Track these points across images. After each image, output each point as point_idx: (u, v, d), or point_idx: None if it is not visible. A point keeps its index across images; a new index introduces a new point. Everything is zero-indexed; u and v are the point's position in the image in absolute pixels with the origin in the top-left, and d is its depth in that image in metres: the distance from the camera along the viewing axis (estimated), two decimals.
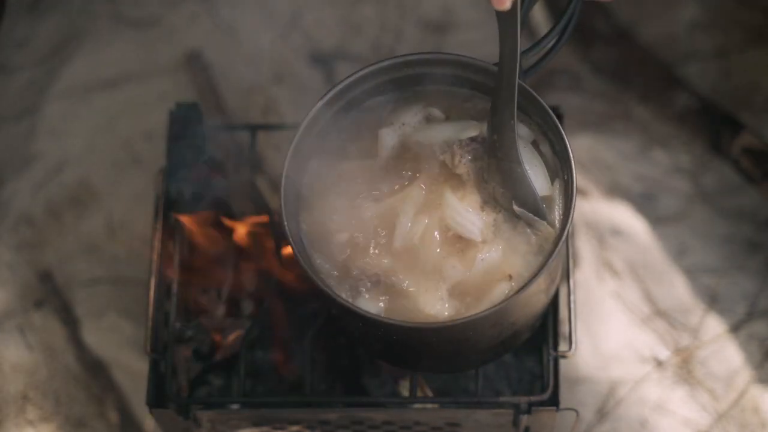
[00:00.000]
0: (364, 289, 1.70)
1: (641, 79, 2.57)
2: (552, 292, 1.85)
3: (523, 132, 1.72)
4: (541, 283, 1.69)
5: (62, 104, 2.60)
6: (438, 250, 1.70)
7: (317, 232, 1.73)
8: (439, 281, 1.69)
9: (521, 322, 1.77)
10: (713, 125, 2.50)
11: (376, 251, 1.71)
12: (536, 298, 1.75)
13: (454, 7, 2.68)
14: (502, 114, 1.62)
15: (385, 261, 1.70)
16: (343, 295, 1.69)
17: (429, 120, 1.76)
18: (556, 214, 1.70)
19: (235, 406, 2.05)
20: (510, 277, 1.68)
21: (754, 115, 2.51)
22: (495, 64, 1.64)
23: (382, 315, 1.68)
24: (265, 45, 2.65)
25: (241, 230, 2.13)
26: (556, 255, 1.63)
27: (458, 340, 1.72)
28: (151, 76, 2.63)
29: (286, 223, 1.67)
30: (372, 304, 1.69)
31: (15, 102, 2.61)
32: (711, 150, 2.50)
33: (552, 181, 1.71)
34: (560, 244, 1.64)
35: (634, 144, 2.52)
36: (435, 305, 1.68)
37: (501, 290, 1.68)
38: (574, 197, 1.66)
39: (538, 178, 1.69)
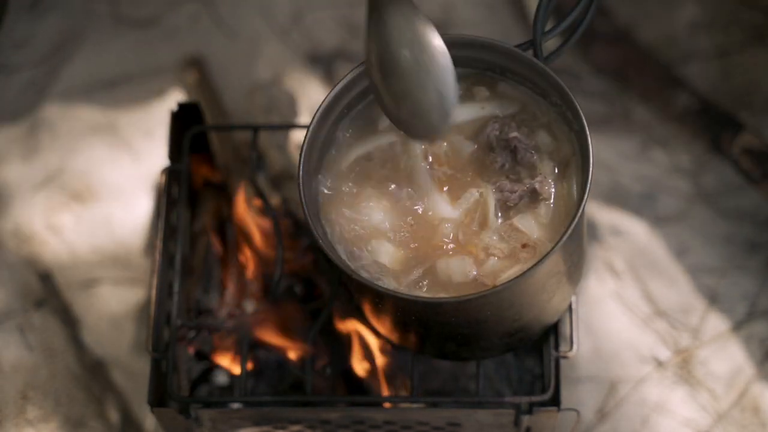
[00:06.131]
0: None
1: (641, 79, 2.57)
2: (573, 280, 1.83)
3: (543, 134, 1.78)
4: (558, 262, 1.69)
5: (62, 104, 2.60)
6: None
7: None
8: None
9: (534, 312, 1.78)
10: (713, 125, 2.50)
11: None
12: (554, 280, 1.74)
13: (454, 6, 2.68)
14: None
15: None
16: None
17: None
18: (574, 189, 1.74)
19: (236, 406, 2.05)
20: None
21: (754, 115, 2.51)
22: (517, 46, 1.73)
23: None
24: (265, 45, 2.65)
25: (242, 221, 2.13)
26: (573, 228, 1.63)
27: (476, 321, 1.72)
28: (151, 76, 2.63)
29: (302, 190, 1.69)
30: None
31: (15, 102, 2.61)
32: (711, 150, 2.50)
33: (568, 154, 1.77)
34: (577, 217, 1.64)
35: (634, 144, 2.52)
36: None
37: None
38: (590, 172, 1.69)
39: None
